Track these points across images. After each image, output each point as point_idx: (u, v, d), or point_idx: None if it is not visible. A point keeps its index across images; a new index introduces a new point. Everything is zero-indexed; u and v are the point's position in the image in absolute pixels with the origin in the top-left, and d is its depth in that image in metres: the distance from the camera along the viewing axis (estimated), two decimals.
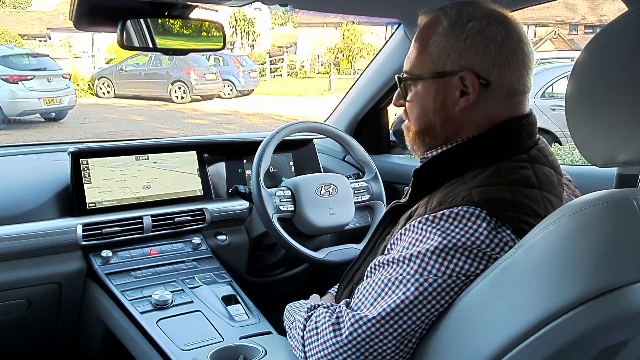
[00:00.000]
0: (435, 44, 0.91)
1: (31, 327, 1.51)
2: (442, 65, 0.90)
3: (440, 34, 0.91)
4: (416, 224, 0.85)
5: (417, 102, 0.95)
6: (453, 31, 0.90)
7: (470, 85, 0.88)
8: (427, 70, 0.92)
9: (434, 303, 0.81)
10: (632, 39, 0.71)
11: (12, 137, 8.40)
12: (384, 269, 0.86)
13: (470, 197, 0.82)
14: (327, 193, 1.57)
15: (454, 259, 0.81)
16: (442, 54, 0.90)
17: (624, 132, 0.71)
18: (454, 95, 0.90)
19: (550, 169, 0.89)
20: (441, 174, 0.92)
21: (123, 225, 1.50)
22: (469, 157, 0.90)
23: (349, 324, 0.85)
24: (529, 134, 0.92)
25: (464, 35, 0.89)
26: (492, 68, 0.88)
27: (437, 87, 0.92)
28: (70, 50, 18.38)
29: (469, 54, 0.88)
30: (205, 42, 1.34)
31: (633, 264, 0.69)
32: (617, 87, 0.71)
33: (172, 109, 12.30)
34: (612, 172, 1.22)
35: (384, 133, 2.12)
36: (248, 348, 1.17)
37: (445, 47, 0.90)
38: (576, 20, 22.74)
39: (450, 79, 0.90)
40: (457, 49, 0.89)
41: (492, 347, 0.74)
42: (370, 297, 0.85)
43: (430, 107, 0.93)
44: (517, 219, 0.81)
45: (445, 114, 0.92)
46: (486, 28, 0.88)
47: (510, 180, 0.84)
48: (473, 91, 0.89)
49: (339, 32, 21.62)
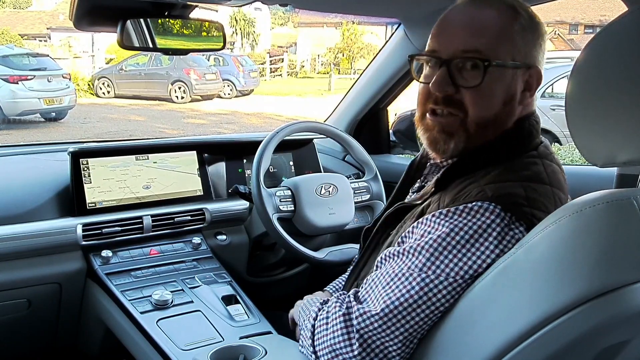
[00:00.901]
0: (519, 33, 0.89)
1: (31, 327, 1.51)
2: (524, 56, 0.90)
3: (523, 25, 0.89)
4: (430, 217, 0.86)
5: (487, 90, 0.87)
6: (532, 27, 0.91)
7: (535, 83, 0.91)
8: (510, 57, 0.88)
9: (435, 301, 0.81)
10: (632, 39, 0.71)
11: (12, 137, 8.40)
12: (394, 260, 0.87)
13: (484, 194, 0.83)
14: (327, 193, 1.57)
15: (460, 253, 0.81)
16: (527, 45, 0.90)
17: (624, 132, 0.71)
18: (520, 89, 0.91)
19: (557, 166, 0.91)
20: (454, 173, 0.91)
21: (123, 225, 1.50)
22: (483, 155, 0.90)
23: (355, 317, 0.86)
24: (537, 131, 0.94)
25: (537, 34, 0.91)
26: (540, 65, 0.92)
27: (513, 78, 0.89)
28: (70, 50, 18.37)
29: (539, 52, 0.91)
30: (205, 42, 1.34)
31: (633, 264, 0.69)
32: (617, 87, 0.71)
33: (172, 108, 12.30)
34: (612, 172, 1.22)
35: (384, 133, 2.12)
36: (248, 348, 1.16)
37: (530, 40, 0.90)
38: (576, 20, 22.74)
39: (526, 72, 0.90)
40: (534, 45, 0.91)
41: (492, 347, 0.74)
42: (377, 289, 0.86)
43: (501, 97, 0.89)
44: (531, 214, 0.82)
45: (511, 107, 0.90)
46: (538, 26, 0.92)
47: (523, 176, 0.85)
48: (534, 89, 0.91)
49: (339, 32, 21.62)
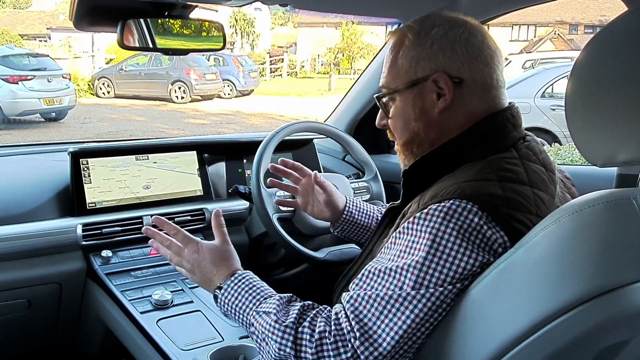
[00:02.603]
0: (404, 56, 0.95)
1: (31, 327, 1.51)
2: (414, 73, 0.94)
3: (407, 46, 0.95)
4: (407, 225, 0.85)
5: (399, 116, 0.98)
6: (418, 40, 0.94)
7: (445, 86, 0.91)
8: (401, 82, 0.95)
9: (438, 314, 0.81)
10: (632, 39, 0.71)
11: (12, 137, 8.41)
12: (384, 279, 0.83)
13: (461, 191, 0.82)
14: None
15: (447, 263, 0.79)
16: (412, 62, 0.94)
17: (624, 132, 0.71)
18: (431, 99, 0.93)
19: (540, 167, 0.90)
20: (432, 173, 0.92)
21: (123, 225, 1.50)
22: (456, 154, 0.92)
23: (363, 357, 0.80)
24: (514, 125, 0.93)
25: (429, 42, 0.93)
26: (462, 66, 0.91)
27: (414, 95, 0.94)
28: (70, 50, 18.39)
29: (438, 57, 0.92)
30: (205, 42, 1.34)
31: (633, 264, 0.69)
32: (617, 87, 0.71)
33: (172, 109, 12.31)
34: (612, 172, 1.22)
35: (384, 133, 2.11)
36: (248, 348, 1.17)
37: (414, 56, 0.94)
38: (576, 20, 22.75)
39: (424, 84, 0.93)
40: (426, 55, 0.93)
41: (492, 347, 0.74)
42: (378, 320, 0.81)
43: (412, 115, 0.96)
44: (509, 215, 0.81)
45: (426, 120, 0.95)
46: (449, 31, 0.92)
47: (502, 176, 0.85)
48: (448, 91, 0.91)
49: (339, 32, 21.64)
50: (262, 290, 0.97)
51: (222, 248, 1.05)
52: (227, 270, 1.02)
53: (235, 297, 0.97)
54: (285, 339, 0.86)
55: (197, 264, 1.04)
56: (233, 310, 0.97)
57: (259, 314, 0.92)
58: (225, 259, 1.03)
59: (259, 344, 0.92)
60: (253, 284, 0.98)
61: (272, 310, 0.90)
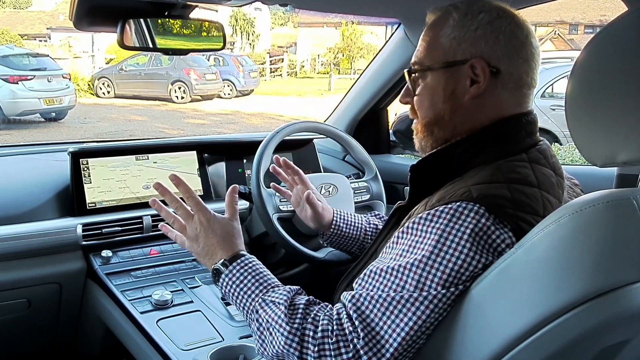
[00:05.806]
0: (446, 35, 0.92)
1: (31, 327, 1.51)
2: (453, 54, 0.92)
3: (450, 25, 0.92)
4: (411, 225, 0.84)
5: (427, 94, 0.95)
6: (464, 22, 0.91)
7: (481, 73, 0.90)
8: (437, 60, 0.93)
9: (439, 314, 0.80)
10: (632, 39, 0.71)
11: (12, 137, 8.41)
12: (386, 279, 0.82)
13: (469, 194, 0.82)
14: (327, 193, 1.57)
15: (450, 263, 0.79)
16: (454, 43, 0.91)
17: (624, 132, 0.71)
18: (465, 84, 0.91)
19: (550, 170, 0.89)
20: (441, 174, 0.91)
21: (123, 225, 1.50)
22: (467, 155, 0.91)
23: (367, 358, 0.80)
24: (528, 132, 0.92)
25: (474, 26, 0.90)
26: (502, 57, 0.90)
27: (448, 76, 0.92)
28: (70, 50, 18.38)
29: (480, 43, 0.90)
30: (205, 42, 1.34)
31: (633, 264, 0.69)
32: (617, 87, 0.71)
33: (172, 108, 12.31)
34: (612, 172, 1.22)
35: (384, 133, 2.12)
36: (248, 348, 1.17)
37: (457, 36, 0.91)
38: (576, 20, 22.75)
39: (461, 67, 0.91)
40: (468, 38, 0.90)
41: (492, 347, 0.74)
42: (381, 321, 0.81)
43: (441, 96, 0.93)
44: (516, 216, 0.81)
45: (454, 103, 0.92)
46: (496, 20, 0.90)
47: (510, 178, 0.84)
48: (484, 79, 0.90)
49: (339, 32, 21.63)
50: (270, 278, 0.97)
51: (232, 224, 1.04)
52: (233, 248, 1.00)
53: (241, 281, 0.95)
54: (292, 334, 0.85)
55: (204, 234, 1.02)
56: (236, 293, 0.95)
57: (266, 303, 0.91)
58: (233, 236, 1.02)
59: (261, 332, 0.90)
60: (260, 271, 0.98)
61: (282, 302, 0.89)
